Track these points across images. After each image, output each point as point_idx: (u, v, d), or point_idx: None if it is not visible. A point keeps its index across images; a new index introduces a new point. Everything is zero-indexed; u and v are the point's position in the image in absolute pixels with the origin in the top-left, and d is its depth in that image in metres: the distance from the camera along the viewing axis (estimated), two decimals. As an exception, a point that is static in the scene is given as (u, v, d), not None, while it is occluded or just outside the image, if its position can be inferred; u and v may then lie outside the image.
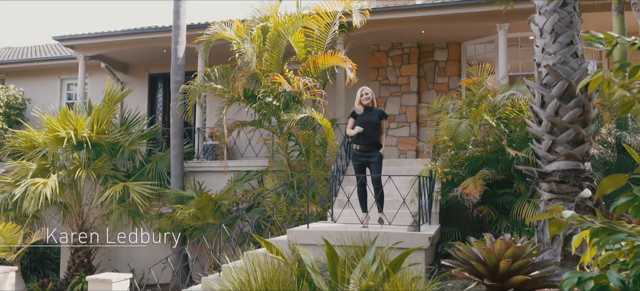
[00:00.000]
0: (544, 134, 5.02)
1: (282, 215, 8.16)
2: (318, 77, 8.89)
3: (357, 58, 9.03)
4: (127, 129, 10.78)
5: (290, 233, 6.03)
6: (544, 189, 5.00)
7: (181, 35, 10.25)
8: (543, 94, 5.05)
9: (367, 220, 6.31)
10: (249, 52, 8.69)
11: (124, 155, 10.17)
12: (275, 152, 9.62)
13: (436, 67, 11.71)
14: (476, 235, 7.23)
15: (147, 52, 12.95)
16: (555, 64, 4.99)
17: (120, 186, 9.19)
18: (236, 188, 9.61)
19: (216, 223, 8.48)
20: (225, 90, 8.79)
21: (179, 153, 9.96)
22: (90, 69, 14.13)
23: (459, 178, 6.96)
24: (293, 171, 8.97)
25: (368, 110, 6.44)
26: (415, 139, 11.53)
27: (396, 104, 11.66)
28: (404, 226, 5.88)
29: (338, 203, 7.83)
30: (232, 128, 9.08)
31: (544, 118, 5.00)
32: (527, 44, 10.91)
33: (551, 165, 4.97)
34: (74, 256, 10.32)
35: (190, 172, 10.64)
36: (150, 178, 10.31)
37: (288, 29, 8.55)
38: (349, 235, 5.58)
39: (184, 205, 9.15)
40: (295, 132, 8.71)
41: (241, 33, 8.86)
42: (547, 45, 5.13)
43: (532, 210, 6.22)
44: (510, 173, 6.87)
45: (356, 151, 6.42)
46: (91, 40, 12.14)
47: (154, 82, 14.30)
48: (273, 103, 8.74)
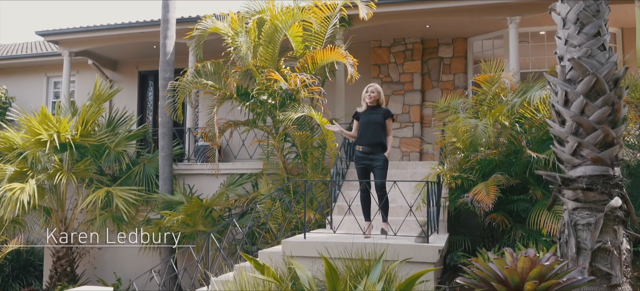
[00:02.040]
0: (568, 136, 4.57)
1: (278, 222, 7.70)
2: (316, 73, 8.43)
3: (358, 54, 8.56)
4: (114, 130, 10.32)
5: (285, 244, 5.57)
6: (568, 197, 4.55)
7: (170, 30, 9.79)
8: (567, 91, 4.60)
9: (370, 229, 5.85)
10: (244, 46, 8.23)
11: (109, 158, 9.70)
12: (271, 154, 9.15)
13: (441, 64, 11.26)
14: (487, 245, 6.80)
15: (136, 48, 12.52)
16: (581, 57, 4.54)
17: (103, 191, 8.71)
18: (229, 192, 9.15)
19: (207, 231, 8.02)
20: (217, 87, 8.32)
21: (167, 154, 9.48)
22: (77, 66, 13.71)
23: (469, 183, 6.51)
24: (289, 174, 8.51)
25: (372, 108, 5.99)
26: (420, 140, 11.08)
27: (399, 103, 11.21)
28: (410, 237, 5.42)
29: (338, 210, 7.38)
30: (224, 129, 8.61)
31: (568, 118, 4.55)
32: (537, 40, 10.47)
33: (576, 170, 4.52)
34: (56, 264, 9.85)
35: (180, 175, 10.17)
36: (137, 182, 9.85)
37: (286, 22, 8.08)
38: (351, 247, 5.13)
39: (173, 210, 8.69)
40: (292, 132, 8.24)
41: (235, 26, 8.40)
42: (571, 36, 4.67)
43: (552, 219, 5.77)
44: (525, 178, 6.43)
45: (359, 153, 5.97)
46: (76, 35, 11.68)
47: (144, 80, 13.85)
48: (268, 102, 8.28)
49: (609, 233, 4.33)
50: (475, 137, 6.09)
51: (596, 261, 4.31)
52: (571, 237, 4.48)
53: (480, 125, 6.06)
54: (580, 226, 4.45)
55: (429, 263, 4.89)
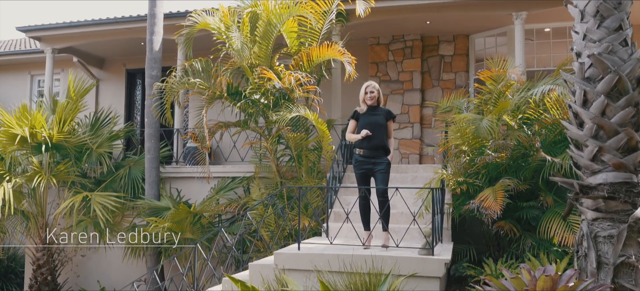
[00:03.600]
0: (587, 139, 4.23)
1: (270, 230, 7.34)
2: (312, 71, 8.07)
3: (355, 52, 8.20)
4: (98, 130, 9.91)
5: (278, 256, 5.21)
6: (587, 206, 4.21)
7: (157, 25, 9.40)
8: (586, 90, 4.26)
9: (369, 239, 5.50)
10: (238, 42, 7.83)
11: (91, 159, 9.28)
12: (263, 157, 8.77)
13: (442, 62, 10.93)
14: (493, 254, 6.47)
15: (123, 45, 12.14)
16: (601, 53, 4.21)
17: (81, 196, 8.29)
18: (219, 197, 8.77)
19: (195, 239, 7.64)
20: (206, 86, 7.94)
21: (154, 157, 9.09)
22: (61, 64, 13.31)
23: (474, 188, 6.17)
24: (283, 178, 8.14)
25: (372, 109, 5.63)
26: (419, 142, 10.74)
27: (397, 103, 10.87)
28: (413, 249, 5.06)
29: (334, 216, 7.02)
30: (214, 130, 8.23)
31: (588, 120, 4.22)
32: (542, 37, 10.16)
33: (596, 177, 4.18)
34: (37, 273, 9.43)
35: (167, 179, 9.78)
36: (123, 186, 9.45)
37: (281, 17, 7.71)
38: (349, 260, 4.78)
39: (160, 217, 8.30)
40: (286, 134, 7.87)
41: (227, 21, 8.02)
42: (591, 30, 4.33)
43: (564, 227, 5.43)
44: (535, 183, 6.09)
45: (359, 157, 5.60)
46: (59, 31, 11.27)
47: (132, 79, 13.46)
48: (260, 101, 7.91)
49: (633, 246, 4.00)
50: (478, 132, 5.72)
51: (619, 277, 3.99)
52: (591, 251, 4.14)
53: (484, 121, 5.70)
54: (600, 238, 4.12)
55: (434, 278, 4.55)
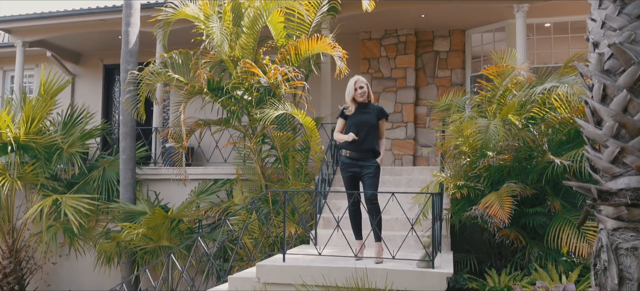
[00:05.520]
0: (607, 139, 3.82)
1: (253, 237, 6.86)
2: (300, 66, 7.60)
3: (346, 47, 7.74)
4: (71, 128, 9.35)
5: (260, 268, 4.75)
6: (606, 214, 3.81)
7: (134, 16, 8.89)
8: (605, 84, 3.85)
9: (362, 250, 5.05)
10: (218, 33, 7.35)
11: (61, 160, 8.73)
12: (247, 158, 8.29)
13: (437, 59, 10.52)
14: (495, 263, 6.07)
15: (100, 39, 11.62)
16: (623, 42, 3.80)
17: (51, 199, 7.75)
18: (200, 201, 8.28)
19: (172, 247, 7.15)
20: (184, 81, 7.44)
21: (129, 157, 8.56)
22: (35, 59, 12.75)
23: (475, 192, 5.75)
24: (268, 181, 7.67)
25: (362, 107, 5.17)
26: (413, 142, 10.33)
27: (390, 101, 10.45)
28: (411, 261, 4.62)
29: (323, 223, 6.58)
30: (193, 129, 7.73)
31: (608, 117, 3.81)
32: (543, 32, 9.80)
33: (617, 181, 3.78)
34: (2, 282, 8.86)
35: (145, 181, 9.27)
36: (96, 188, 8.91)
37: (268, 5, 7.23)
38: (340, 274, 4.34)
39: (135, 222, 7.78)
40: (271, 133, 7.40)
41: (207, 10, 7.53)
42: (610, 17, 3.92)
43: (575, 235, 5.03)
44: (541, 187, 5.69)
45: (345, 159, 5.14)
46: (29, 23, 10.71)
47: (109, 74, 12.93)
48: (244, 98, 7.43)
49: (660, 260, 3.60)
50: (486, 140, 5.28)
51: (645, 295, 3.58)
52: (612, 264, 3.73)
53: (492, 127, 5.26)
54: (622, 251, 3.72)
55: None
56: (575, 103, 5.31)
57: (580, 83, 5.11)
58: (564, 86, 5.26)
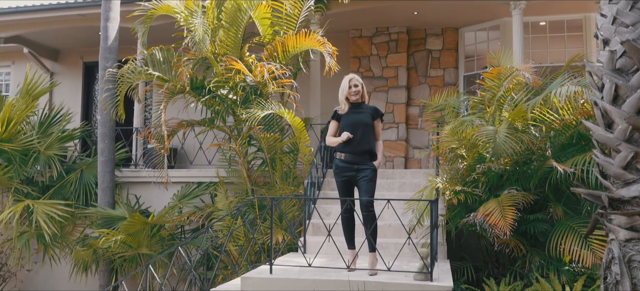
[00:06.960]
0: (619, 143, 3.57)
1: (239, 245, 6.54)
2: (288, 63, 7.30)
3: (335, 45, 7.43)
4: (47, 130, 8.95)
5: (245, 280, 4.44)
6: (618, 223, 3.56)
7: (113, 10, 8.51)
8: (617, 84, 3.61)
9: (355, 260, 4.76)
10: (200, 29, 7.03)
11: (37, 163, 8.33)
12: (232, 160, 7.96)
13: (429, 57, 10.28)
14: (493, 272, 5.83)
15: (79, 35, 11.21)
16: (637, 39, 3.55)
17: (22, 205, 7.35)
18: (182, 205, 7.95)
19: (152, 255, 6.81)
20: (165, 79, 7.09)
21: (108, 159, 8.19)
22: (12, 56, 12.32)
23: (473, 198, 5.49)
24: (254, 185, 7.35)
25: (356, 107, 4.88)
26: (405, 144, 10.07)
27: (381, 101, 10.18)
28: (408, 273, 4.34)
29: (313, 229, 6.29)
30: (176, 129, 7.39)
31: (620, 120, 3.56)
32: (538, 31, 9.60)
33: (630, 188, 3.54)
34: (-27, 290, 8.46)
35: (125, 184, 8.90)
36: (73, 192, 8.52)
37: (251, 1, 6.93)
38: (331, 286, 4.05)
39: (113, 228, 7.42)
40: (257, 134, 7.08)
41: (191, 5, 7.20)
42: (622, 13, 3.68)
43: (579, 243, 4.79)
44: (541, 192, 5.44)
45: (340, 162, 4.83)
46: (4, 17, 10.27)
47: (90, 72, 12.52)
48: (229, 97, 7.11)
49: (677, 273, 3.37)
50: (496, 150, 4.97)
51: (661, 312, 3.34)
52: (625, 278, 3.49)
53: (500, 135, 4.95)
54: (636, 263, 3.48)
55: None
56: (580, 105, 5.08)
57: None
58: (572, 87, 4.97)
